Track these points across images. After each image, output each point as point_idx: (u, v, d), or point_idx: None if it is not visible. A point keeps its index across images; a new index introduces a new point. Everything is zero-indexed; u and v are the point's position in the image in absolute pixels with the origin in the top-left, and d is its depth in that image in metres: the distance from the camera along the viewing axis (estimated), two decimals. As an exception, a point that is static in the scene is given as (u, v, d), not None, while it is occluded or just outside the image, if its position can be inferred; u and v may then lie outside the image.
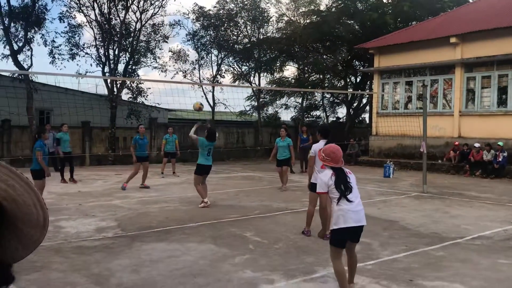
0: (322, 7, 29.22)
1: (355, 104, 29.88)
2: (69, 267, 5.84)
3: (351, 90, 29.83)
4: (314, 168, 7.51)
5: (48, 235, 6.27)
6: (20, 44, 20.23)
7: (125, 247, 6.86)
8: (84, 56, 22.09)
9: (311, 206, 7.60)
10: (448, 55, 19.36)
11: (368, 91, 28.38)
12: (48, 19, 21.03)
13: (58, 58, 21.51)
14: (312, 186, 7.23)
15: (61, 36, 21.67)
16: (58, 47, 21.48)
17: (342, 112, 32.00)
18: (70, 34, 21.69)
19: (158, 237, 7.47)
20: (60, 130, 14.95)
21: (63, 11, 21.76)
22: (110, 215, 9.28)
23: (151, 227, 8.20)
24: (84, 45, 22.13)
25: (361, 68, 27.55)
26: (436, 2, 26.86)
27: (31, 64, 20.57)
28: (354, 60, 29.21)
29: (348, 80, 30.55)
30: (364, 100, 29.46)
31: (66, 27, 21.72)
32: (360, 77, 29.57)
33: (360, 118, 32.05)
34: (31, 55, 20.65)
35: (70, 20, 21.77)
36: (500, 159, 16.46)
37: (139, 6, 22.27)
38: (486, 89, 18.56)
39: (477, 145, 17.30)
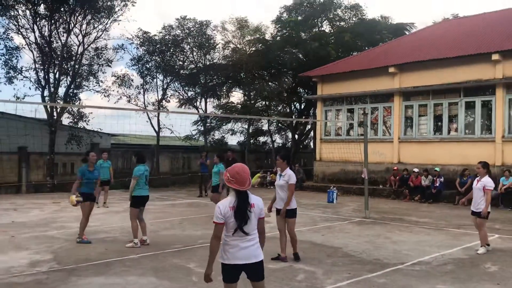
0: (267, 36, 29.91)
1: (299, 130, 30.43)
2: (-4, 307, 5.44)
3: (296, 116, 30.40)
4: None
5: (-26, 272, 5.76)
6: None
7: (60, 282, 6.49)
8: (22, 79, 21.25)
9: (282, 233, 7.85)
10: (387, 84, 20.18)
11: (311, 117, 28.99)
12: (-18, 40, 20.12)
13: (-7, 81, 20.58)
14: (289, 212, 7.69)
15: (-3, 58, 20.74)
16: (-7, 70, 20.57)
17: (287, 137, 32.47)
18: (7, 57, 20.84)
19: (97, 270, 7.13)
20: None
21: (-1, 32, 20.91)
22: (46, 247, 8.80)
23: (89, 259, 7.83)
24: (22, 68, 21.29)
25: (305, 95, 28.18)
26: (375, 33, 28.15)
27: (-37, 87, 19.53)
28: (298, 87, 29.90)
29: (293, 106, 31.15)
30: (309, 126, 30.09)
31: (2, 49, 20.84)
32: (304, 103, 30.21)
33: (305, 143, 32.64)
34: (-36, 77, 19.64)
35: (7, 42, 20.97)
36: (437, 184, 17.16)
37: (82, 29, 21.82)
38: (423, 117, 19.42)
39: (416, 170, 17.97)
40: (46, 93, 21.25)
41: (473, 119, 18.14)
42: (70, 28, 21.37)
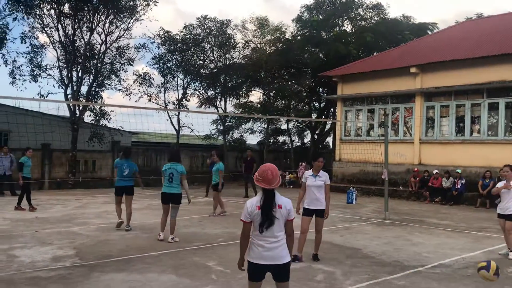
0: (288, 35, 29.80)
1: (318, 130, 30.31)
2: (21, 300, 5.57)
3: (315, 115, 30.30)
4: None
5: (0, 265, 6.01)
6: (-21, 64, 19.67)
7: (83, 277, 6.61)
8: (46, 77, 21.63)
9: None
10: (409, 84, 19.97)
11: (331, 117, 28.86)
12: (9, 38, 20.54)
13: (19, 79, 21.01)
14: (321, 212, 7.92)
15: (23, 56, 21.17)
16: (19, 67, 20.98)
17: (307, 137, 32.40)
18: (32, 55, 21.23)
19: (118, 267, 7.25)
20: (24, 154, 13.99)
21: (25, 31, 21.35)
22: (68, 243, 8.96)
23: (110, 256, 7.96)
24: (46, 66, 21.69)
25: (325, 95, 28.04)
26: (397, 33, 27.88)
27: (-10, 84, 19.98)
28: (318, 87, 29.77)
29: (312, 106, 31.05)
30: (328, 126, 29.94)
31: (28, 47, 21.26)
32: (324, 103, 30.09)
33: (324, 143, 32.50)
34: (-10, 75, 20.07)
35: (33, 41, 21.37)
36: (458, 186, 16.93)
37: (104, 29, 22.12)
38: (445, 118, 19.17)
39: (436, 171, 17.76)
40: (69, 91, 21.62)
41: (496, 120, 17.84)
42: (93, 27, 21.70)
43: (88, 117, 22.76)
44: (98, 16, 21.75)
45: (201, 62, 28.11)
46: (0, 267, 7.00)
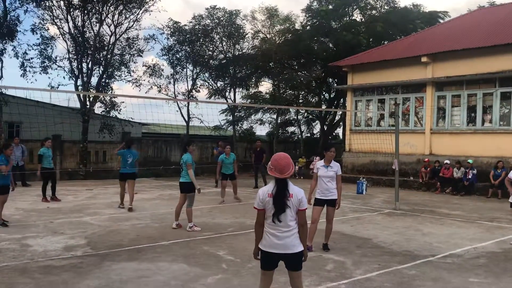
0: (297, 25, 29.60)
1: (328, 120, 30.19)
2: (35, 288, 5.64)
3: (325, 106, 30.18)
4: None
5: (14, 253, 6.09)
6: (-9, 56, 19.77)
7: (94, 266, 6.68)
8: (56, 69, 21.71)
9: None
10: (420, 74, 19.78)
11: (341, 108, 28.72)
12: (20, 30, 20.60)
13: (29, 71, 21.11)
14: (333, 202, 7.92)
15: (33, 49, 21.24)
16: (29, 60, 21.07)
17: (316, 128, 32.33)
18: (42, 47, 21.30)
19: (129, 256, 7.30)
20: (43, 145, 13.99)
21: (35, 23, 21.42)
22: (80, 232, 9.05)
23: (121, 245, 8.02)
24: (56, 58, 21.77)
25: (335, 85, 27.89)
26: (408, 22, 27.56)
27: (1, 76, 20.12)
28: (328, 77, 29.59)
29: (322, 96, 30.91)
30: (338, 117, 29.80)
31: (38, 39, 21.33)
32: (334, 93, 29.94)
33: (334, 134, 32.40)
34: (1, 67, 20.21)
35: (43, 32, 21.43)
36: (469, 177, 16.80)
37: (114, 20, 22.12)
38: (456, 107, 18.99)
39: (447, 161, 17.63)
40: (79, 82, 21.70)
41: (508, 110, 17.63)
42: (103, 18, 21.69)
43: (98, 108, 22.89)
44: (107, 7, 21.74)
45: (210, 53, 28.05)
46: (14, 256, 7.09)
